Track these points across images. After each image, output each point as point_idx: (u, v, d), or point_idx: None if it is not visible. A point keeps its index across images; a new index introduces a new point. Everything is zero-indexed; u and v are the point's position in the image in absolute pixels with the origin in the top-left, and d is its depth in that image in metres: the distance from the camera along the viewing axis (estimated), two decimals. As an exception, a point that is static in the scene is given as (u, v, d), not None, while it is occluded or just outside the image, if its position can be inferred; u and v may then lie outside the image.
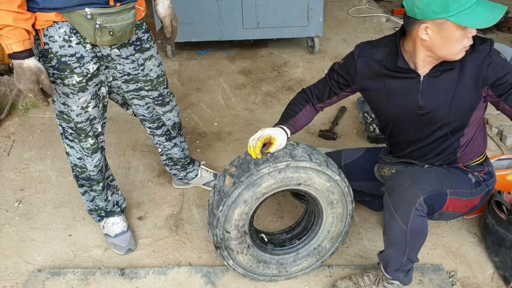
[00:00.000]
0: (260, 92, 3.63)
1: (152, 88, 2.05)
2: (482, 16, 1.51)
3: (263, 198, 1.79)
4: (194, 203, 2.53)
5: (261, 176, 1.72)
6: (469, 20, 1.51)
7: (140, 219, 2.43)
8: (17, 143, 3.04)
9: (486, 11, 1.52)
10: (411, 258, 1.80)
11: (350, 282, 1.96)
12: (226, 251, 1.88)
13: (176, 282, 2.04)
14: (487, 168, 1.91)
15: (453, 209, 1.81)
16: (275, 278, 2.02)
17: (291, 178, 1.76)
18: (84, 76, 1.79)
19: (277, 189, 1.78)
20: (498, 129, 3.04)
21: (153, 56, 2.00)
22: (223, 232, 1.81)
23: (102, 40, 1.71)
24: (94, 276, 2.06)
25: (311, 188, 1.83)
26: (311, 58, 4.15)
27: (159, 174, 2.75)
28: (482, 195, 1.87)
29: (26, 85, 1.64)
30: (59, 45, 1.70)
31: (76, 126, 1.92)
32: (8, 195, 2.60)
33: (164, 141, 2.33)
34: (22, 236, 2.32)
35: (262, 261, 1.96)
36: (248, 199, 1.75)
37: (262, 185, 1.74)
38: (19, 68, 1.61)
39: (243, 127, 3.19)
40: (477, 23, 1.51)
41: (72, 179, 2.70)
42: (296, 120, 1.94)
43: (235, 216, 1.77)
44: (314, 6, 3.93)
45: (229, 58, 4.22)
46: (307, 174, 1.77)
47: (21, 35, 1.57)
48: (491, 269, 2.10)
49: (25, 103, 3.41)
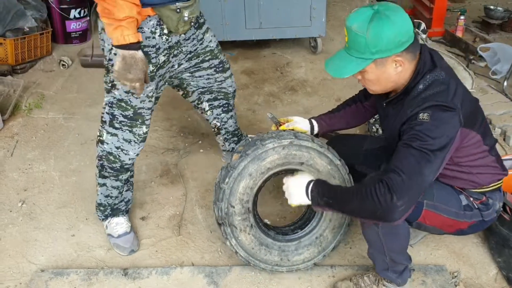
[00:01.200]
0: (262, 93, 3.63)
1: (213, 57, 2.20)
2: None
3: (267, 174, 1.86)
4: (197, 203, 2.54)
5: (266, 150, 1.82)
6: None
7: (143, 219, 2.43)
8: (20, 143, 3.04)
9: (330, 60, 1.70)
10: (395, 259, 1.78)
11: (351, 283, 1.96)
12: (229, 227, 1.88)
13: (179, 282, 2.04)
14: (486, 198, 1.79)
15: (432, 223, 1.76)
16: (277, 267, 2.01)
17: (294, 155, 1.84)
18: (155, 66, 1.90)
19: (281, 165, 1.85)
20: (501, 129, 3.03)
21: (208, 28, 2.16)
22: (228, 206, 1.85)
23: (183, 29, 1.91)
24: (97, 276, 2.06)
25: (313, 170, 1.87)
26: (313, 59, 4.15)
27: (162, 174, 2.75)
28: (472, 221, 1.77)
29: (137, 75, 1.75)
30: (145, 36, 1.81)
31: (136, 112, 1.98)
32: (12, 195, 2.61)
33: (221, 113, 2.49)
34: (26, 236, 2.33)
35: (264, 244, 1.96)
36: (253, 172, 1.83)
37: (267, 159, 1.83)
38: (131, 58, 1.73)
39: (245, 128, 3.19)
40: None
41: (76, 180, 2.71)
42: (333, 115, 2.07)
43: (240, 189, 1.84)
44: (316, 6, 3.93)
45: (231, 58, 4.22)
46: (309, 154, 1.86)
47: (135, 27, 1.71)
48: (495, 269, 2.10)
49: (28, 103, 3.42)
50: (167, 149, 2.98)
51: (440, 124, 1.52)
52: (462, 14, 4.86)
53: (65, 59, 4.08)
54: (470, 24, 5.19)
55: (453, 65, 3.86)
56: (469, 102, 1.64)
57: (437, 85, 1.58)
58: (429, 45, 4.29)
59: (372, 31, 1.53)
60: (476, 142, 1.67)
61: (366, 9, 1.58)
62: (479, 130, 1.66)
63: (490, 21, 5.01)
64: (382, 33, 1.53)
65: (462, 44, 4.67)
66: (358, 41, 1.58)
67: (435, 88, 1.57)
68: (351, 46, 1.62)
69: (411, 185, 1.49)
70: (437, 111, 1.53)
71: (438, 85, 1.58)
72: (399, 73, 1.62)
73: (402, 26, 1.55)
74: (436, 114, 1.53)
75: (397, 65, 1.61)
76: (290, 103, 3.49)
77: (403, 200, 1.47)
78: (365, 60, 1.59)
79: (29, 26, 3.96)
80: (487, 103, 3.33)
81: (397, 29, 1.54)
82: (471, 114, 1.63)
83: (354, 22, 1.58)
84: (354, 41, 1.59)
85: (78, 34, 4.52)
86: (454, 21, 5.06)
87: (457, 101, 1.56)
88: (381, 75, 1.63)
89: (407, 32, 1.56)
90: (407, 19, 1.57)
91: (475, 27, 5.12)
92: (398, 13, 1.56)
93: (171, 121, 3.27)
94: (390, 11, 1.56)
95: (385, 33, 1.53)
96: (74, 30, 4.48)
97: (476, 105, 1.69)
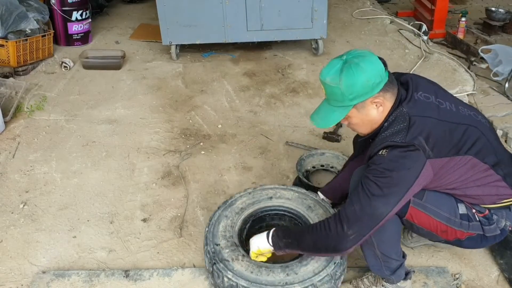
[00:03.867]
0: (264, 94, 3.63)
1: None
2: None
3: (244, 215, 2.07)
4: (198, 205, 2.54)
5: (235, 198, 2.14)
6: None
7: (144, 221, 2.43)
8: (22, 145, 3.05)
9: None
10: (385, 253, 1.78)
11: (351, 286, 1.97)
12: (221, 263, 1.85)
13: (180, 284, 2.04)
14: (488, 212, 1.76)
15: (421, 223, 1.76)
16: (288, 286, 1.77)
17: (261, 194, 2.16)
18: None
19: (252, 205, 2.11)
20: (503, 131, 3.03)
21: None
22: (213, 246, 1.93)
23: None
24: (99, 277, 2.06)
25: (283, 200, 2.13)
26: (315, 60, 4.15)
27: (164, 176, 2.75)
28: (470, 233, 1.76)
29: None
30: None
31: None
32: (13, 197, 2.61)
33: None
34: (27, 238, 2.33)
35: (263, 266, 1.84)
36: (228, 214, 2.07)
37: (237, 202, 2.12)
38: None
39: (247, 129, 3.19)
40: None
41: (77, 181, 2.71)
42: (335, 180, 2.24)
43: (220, 228, 2.01)
44: (318, 8, 3.93)
45: (233, 60, 4.22)
46: (274, 190, 2.17)
47: None
48: (496, 271, 2.09)
49: (30, 105, 3.43)
50: (168, 151, 2.98)
51: (398, 162, 1.58)
52: (463, 16, 4.87)
53: (67, 61, 4.08)
54: (472, 25, 5.19)
55: (455, 67, 3.87)
56: (442, 132, 1.63)
57: (398, 123, 1.63)
58: (431, 46, 4.30)
59: (344, 81, 1.62)
60: (468, 163, 1.66)
61: (336, 61, 1.67)
62: (471, 151, 1.65)
63: (491, 23, 5.02)
64: (354, 81, 1.61)
65: (464, 46, 4.67)
66: (334, 92, 1.67)
67: (396, 126, 1.62)
68: (329, 98, 1.72)
69: (362, 216, 1.60)
70: (395, 151, 1.59)
71: (399, 122, 1.62)
72: (381, 112, 1.69)
73: (372, 70, 1.63)
74: (394, 153, 1.59)
75: (378, 106, 1.67)
76: (292, 105, 3.49)
77: (353, 230, 1.60)
78: (346, 108, 1.68)
79: (31, 28, 3.97)
80: (489, 104, 3.33)
81: (367, 73, 1.61)
82: (448, 142, 1.63)
83: (327, 76, 1.67)
84: (331, 93, 1.68)
85: (80, 36, 4.54)
86: (456, 22, 5.06)
87: (418, 135, 1.59)
88: (365, 117, 1.70)
89: (378, 74, 1.64)
90: (376, 61, 1.65)
91: (476, 29, 5.12)
92: (366, 58, 1.64)
93: (173, 123, 3.27)
94: (359, 58, 1.64)
95: (357, 80, 1.61)
96: (76, 32, 4.49)
97: (457, 130, 1.66)
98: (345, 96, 1.65)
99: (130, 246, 2.28)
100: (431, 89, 1.74)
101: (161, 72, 4.01)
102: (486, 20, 5.09)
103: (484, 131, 1.72)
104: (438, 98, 1.71)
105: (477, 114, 1.78)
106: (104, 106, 3.50)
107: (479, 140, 1.68)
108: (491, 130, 1.80)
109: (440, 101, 1.70)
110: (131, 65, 4.17)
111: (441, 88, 1.81)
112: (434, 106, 1.67)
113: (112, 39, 4.75)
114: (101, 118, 3.35)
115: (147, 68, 4.10)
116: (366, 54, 1.66)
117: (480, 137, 1.69)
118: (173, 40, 4.09)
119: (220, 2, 3.89)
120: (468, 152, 1.65)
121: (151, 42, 4.61)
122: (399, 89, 1.70)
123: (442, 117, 1.65)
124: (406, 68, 3.98)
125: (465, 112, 1.73)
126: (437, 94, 1.73)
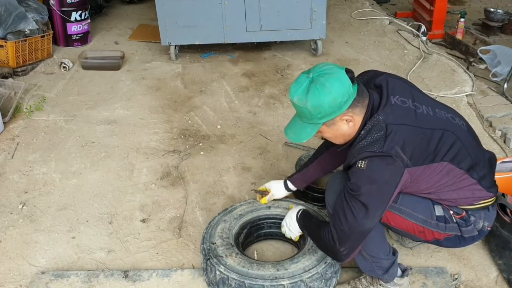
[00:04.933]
0: (263, 95, 3.64)
1: None
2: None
3: (242, 221, 2.13)
4: (198, 205, 2.54)
5: (235, 206, 2.21)
6: None
7: (143, 221, 2.43)
8: (21, 145, 3.05)
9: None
10: (372, 254, 1.79)
11: (349, 286, 1.97)
12: (215, 258, 1.90)
13: (179, 284, 2.04)
14: (465, 214, 1.77)
15: (397, 225, 1.79)
16: (277, 280, 1.82)
17: (260, 203, 2.21)
18: None
19: (251, 212, 2.18)
20: (501, 132, 3.03)
21: None
22: (209, 244, 1.98)
23: None
24: (98, 278, 2.06)
25: (281, 209, 2.18)
26: (314, 61, 4.15)
27: (163, 176, 2.75)
28: (447, 234, 1.79)
29: None
30: None
31: None
32: (12, 198, 2.61)
33: None
34: (26, 238, 2.33)
35: (255, 262, 1.91)
36: (226, 219, 2.13)
37: (236, 210, 2.19)
38: None
39: (246, 130, 3.19)
40: None
41: (76, 182, 2.71)
42: (307, 169, 2.17)
43: (218, 230, 2.06)
44: (317, 8, 3.93)
45: (232, 60, 4.22)
46: (274, 201, 2.22)
47: None
48: (495, 272, 2.09)
49: (29, 105, 3.43)
50: (167, 151, 2.98)
51: (378, 174, 1.58)
52: (462, 17, 4.88)
53: (66, 61, 4.08)
54: (470, 26, 5.20)
55: (453, 67, 3.88)
56: (419, 139, 1.63)
57: (375, 131, 1.61)
58: (429, 47, 4.31)
59: (310, 102, 1.62)
60: (443, 169, 1.67)
61: (303, 78, 1.66)
62: (446, 157, 1.65)
63: (490, 24, 5.03)
64: (320, 102, 1.61)
65: (462, 46, 4.68)
66: (303, 112, 1.67)
67: (373, 135, 1.61)
68: (300, 115, 1.72)
69: (351, 234, 1.65)
70: (373, 161, 1.58)
71: (376, 131, 1.61)
72: (352, 127, 1.69)
73: (338, 89, 1.60)
74: (371, 163, 1.58)
75: (348, 121, 1.67)
76: (290, 105, 3.47)
77: (345, 247, 1.68)
78: (316, 125, 1.69)
79: (30, 29, 3.97)
80: (488, 105, 3.34)
81: (333, 94, 1.59)
82: (425, 150, 1.63)
83: (294, 95, 1.67)
84: (300, 112, 1.70)
85: (79, 37, 4.53)
86: (455, 23, 5.07)
87: (395, 145, 1.58)
88: (336, 132, 1.71)
89: (345, 92, 1.61)
90: (343, 78, 1.61)
91: (475, 30, 5.13)
92: (333, 77, 1.61)
93: (172, 124, 3.27)
94: (325, 76, 1.61)
95: (324, 101, 1.60)
96: (75, 32, 4.49)
97: (433, 136, 1.65)
98: (313, 115, 1.65)
99: (129, 246, 2.28)
100: (407, 92, 1.72)
101: (160, 73, 4.02)
102: (484, 20, 5.11)
103: (460, 134, 1.71)
104: (415, 101, 1.70)
105: (454, 116, 1.77)
106: (103, 107, 3.50)
107: (454, 145, 1.68)
108: (469, 132, 1.79)
109: (416, 105, 1.69)
110: (130, 66, 4.17)
111: (416, 89, 1.80)
112: (411, 111, 1.66)
113: (111, 40, 4.75)
114: (100, 118, 3.35)
115: (146, 69, 4.10)
116: (333, 71, 1.63)
117: (455, 142, 1.68)
118: (172, 41, 4.09)
119: (219, 3, 3.89)
120: (444, 158, 1.65)
121: (150, 42, 4.61)
122: (370, 98, 1.67)
123: (419, 123, 1.64)
124: (405, 68, 3.98)
125: (442, 115, 1.73)
126: (414, 97, 1.71)
